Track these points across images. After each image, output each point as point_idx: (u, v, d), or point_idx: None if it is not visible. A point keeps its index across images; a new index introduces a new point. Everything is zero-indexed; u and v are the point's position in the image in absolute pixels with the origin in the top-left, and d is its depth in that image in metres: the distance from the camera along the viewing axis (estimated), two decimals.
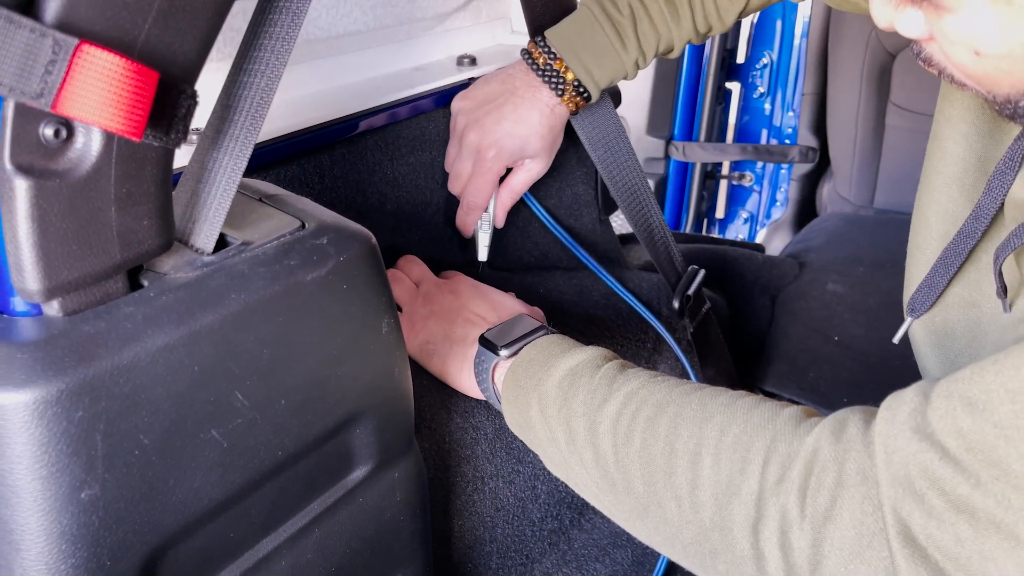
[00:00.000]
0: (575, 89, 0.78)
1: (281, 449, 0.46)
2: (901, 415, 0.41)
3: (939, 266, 0.58)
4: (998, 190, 0.53)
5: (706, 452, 0.48)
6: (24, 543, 0.37)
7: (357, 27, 0.86)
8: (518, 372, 0.61)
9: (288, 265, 0.45)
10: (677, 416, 0.50)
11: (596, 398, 0.55)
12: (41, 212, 0.36)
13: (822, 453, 0.43)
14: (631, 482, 0.52)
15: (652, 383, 0.54)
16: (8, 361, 0.36)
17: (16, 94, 0.33)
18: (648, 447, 0.51)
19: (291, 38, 0.44)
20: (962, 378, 0.40)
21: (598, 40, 0.77)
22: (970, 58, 0.42)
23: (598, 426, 0.54)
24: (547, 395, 0.58)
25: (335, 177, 0.78)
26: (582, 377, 0.57)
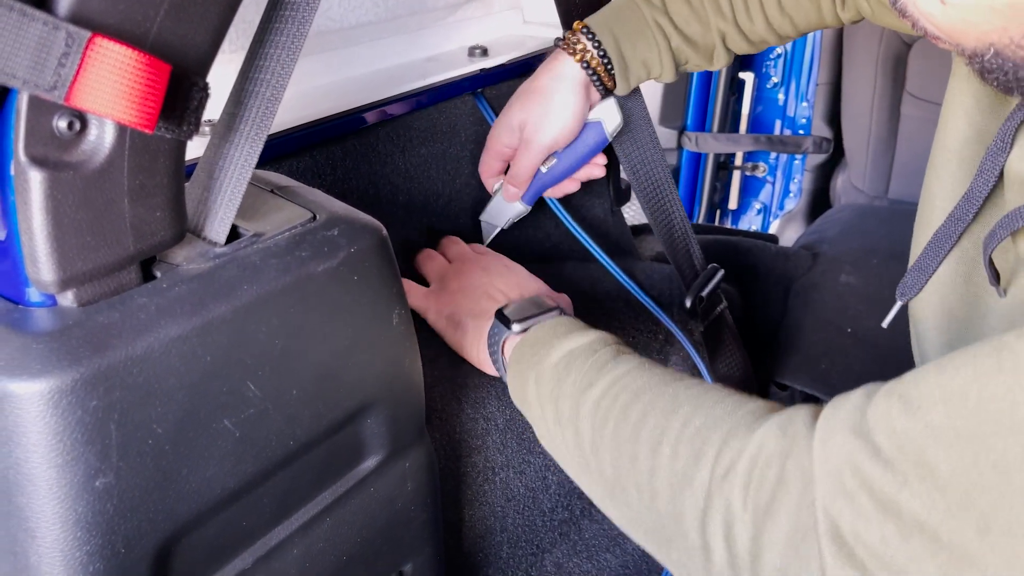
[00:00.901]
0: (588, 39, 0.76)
1: (293, 439, 0.47)
2: (842, 412, 0.41)
3: (930, 248, 0.57)
4: (990, 170, 0.52)
5: (667, 441, 0.48)
6: (40, 530, 0.38)
7: (369, 18, 0.86)
8: (523, 349, 0.63)
9: (299, 256, 0.45)
10: (649, 405, 0.51)
11: (584, 381, 0.56)
12: (55, 204, 0.36)
13: (767, 448, 0.43)
14: (602, 465, 0.53)
15: (638, 370, 0.55)
16: (24, 351, 0.37)
17: (30, 87, 0.33)
18: (619, 432, 0.52)
19: (304, 30, 0.44)
20: (907, 379, 0.40)
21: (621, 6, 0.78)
22: (937, 7, 0.42)
23: (581, 408, 0.55)
24: (543, 374, 0.59)
25: (347, 168, 0.78)
26: (577, 359, 0.58)
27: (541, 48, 0.96)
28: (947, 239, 0.56)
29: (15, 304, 0.40)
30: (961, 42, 0.43)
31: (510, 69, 0.92)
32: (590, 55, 0.76)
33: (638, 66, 0.79)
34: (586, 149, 0.81)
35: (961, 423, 0.36)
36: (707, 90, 1.88)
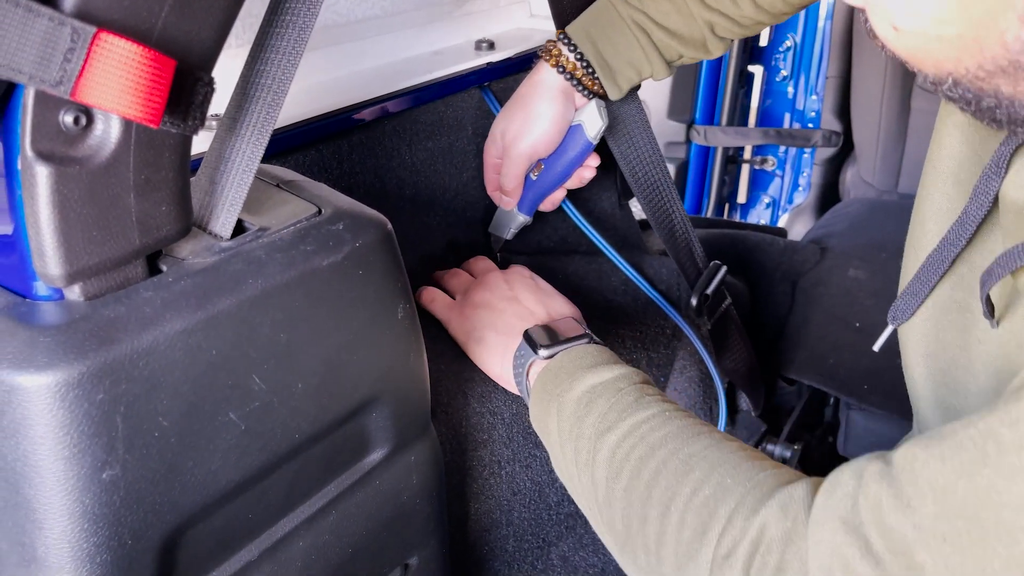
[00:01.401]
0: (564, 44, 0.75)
1: (298, 432, 0.47)
2: (835, 499, 0.41)
3: (922, 273, 0.55)
4: (984, 194, 0.49)
5: (675, 508, 0.48)
6: (47, 522, 0.38)
7: (375, 12, 0.86)
8: (548, 376, 0.62)
9: (304, 251, 0.46)
10: (663, 463, 0.50)
11: (604, 423, 0.55)
12: (62, 198, 0.37)
13: (768, 532, 0.43)
14: (613, 519, 0.53)
15: (657, 419, 0.54)
16: (31, 344, 0.37)
17: (36, 82, 0.34)
18: (631, 489, 0.51)
19: (309, 24, 0.44)
20: (898, 462, 0.39)
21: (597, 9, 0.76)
22: (890, 33, 0.41)
23: (598, 454, 0.54)
24: (565, 408, 0.58)
25: (353, 163, 0.78)
26: (600, 397, 0.57)
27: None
28: (940, 264, 0.54)
29: (22, 298, 0.40)
30: (922, 68, 0.42)
31: (516, 63, 0.91)
32: (566, 60, 0.76)
33: (624, 67, 0.77)
34: (571, 154, 0.80)
35: (947, 526, 0.36)
36: (716, 83, 1.88)
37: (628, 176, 0.86)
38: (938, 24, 0.38)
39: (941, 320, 0.55)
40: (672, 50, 0.77)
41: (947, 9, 0.37)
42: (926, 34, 0.39)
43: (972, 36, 0.37)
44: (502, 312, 0.71)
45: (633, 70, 0.77)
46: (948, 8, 0.37)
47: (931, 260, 0.55)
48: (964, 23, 0.37)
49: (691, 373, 0.87)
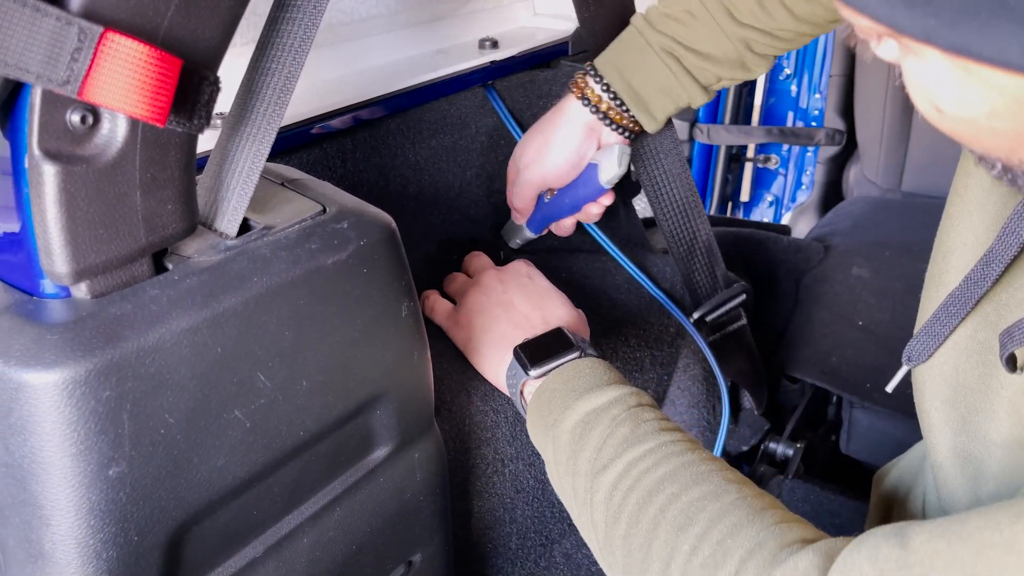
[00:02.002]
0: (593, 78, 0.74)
1: (303, 429, 0.47)
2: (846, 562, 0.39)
3: (943, 311, 0.52)
4: (1014, 233, 0.46)
5: (676, 567, 0.47)
6: (54, 518, 0.39)
7: (379, 10, 0.86)
8: (541, 401, 0.60)
9: (309, 249, 0.46)
10: (660, 514, 0.49)
11: (599, 460, 0.54)
12: (69, 197, 0.37)
13: None
14: (614, 562, 0.52)
15: (655, 453, 0.52)
16: (38, 342, 0.37)
17: (43, 81, 0.34)
18: (630, 537, 0.50)
19: (314, 23, 0.45)
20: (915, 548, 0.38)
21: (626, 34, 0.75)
22: (932, 111, 0.38)
23: (595, 494, 0.53)
24: (560, 440, 0.57)
25: (357, 161, 0.78)
26: (595, 428, 0.56)
27: (551, 40, 0.96)
28: (963, 304, 0.50)
29: (29, 295, 0.40)
30: (968, 147, 0.40)
31: (520, 61, 0.92)
32: (591, 92, 0.75)
33: (657, 96, 0.74)
34: (582, 191, 0.79)
35: None
36: None
37: (651, 199, 0.86)
38: (990, 118, 0.36)
39: (961, 363, 0.52)
40: (707, 73, 0.74)
41: (1003, 105, 0.35)
42: (973, 123, 0.37)
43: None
44: (496, 318, 0.69)
45: (668, 99, 0.74)
46: (1004, 104, 0.35)
47: (952, 299, 0.51)
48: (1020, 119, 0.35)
49: (695, 371, 0.87)
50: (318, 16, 0.45)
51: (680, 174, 0.85)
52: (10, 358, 0.37)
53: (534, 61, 0.93)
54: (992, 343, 0.50)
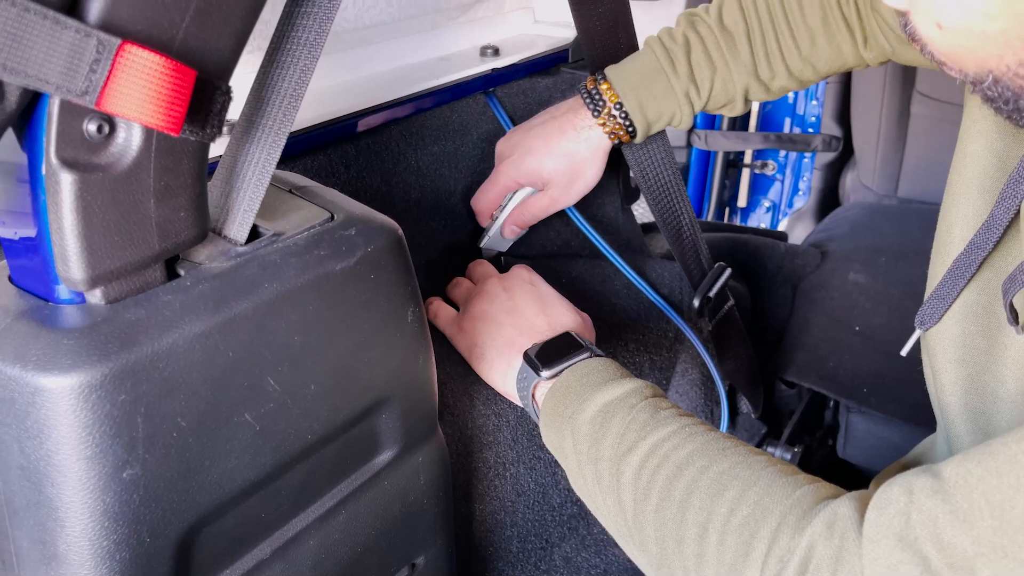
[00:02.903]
0: (617, 111, 0.78)
1: (310, 432, 0.48)
2: (886, 518, 0.41)
3: (949, 277, 0.56)
4: (1011, 198, 0.50)
5: (713, 529, 0.48)
6: (69, 520, 0.39)
7: (382, 18, 0.87)
8: (555, 398, 0.61)
9: (318, 255, 0.47)
10: (693, 483, 0.50)
11: (623, 444, 0.55)
12: (85, 204, 0.38)
13: (817, 551, 0.43)
14: (646, 540, 0.52)
15: (680, 435, 0.53)
16: (54, 347, 0.38)
17: (62, 92, 0.35)
18: (663, 510, 0.51)
19: (323, 32, 0.45)
20: (950, 478, 0.40)
21: (649, 64, 0.77)
22: (934, 31, 0.42)
23: (621, 476, 0.54)
24: (579, 430, 0.58)
25: (360, 167, 0.79)
26: (615, 416, 0.57)
27: (552, 48, 0.97)
28: (967, 268, 0.54)
29: (45, 301, 0.41)
30: (963, 68, 0.43)
31: (521, 68, 0.92)
32: (618, 126, 0.79)
33: (660, 125, 0.81)
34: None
35: (1007, 540, 0.36)
36: None
37: (638, 176, 0.87)
38: (984, 19, 0.39)
39: (968, 325, 0.55)
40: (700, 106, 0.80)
41: (994, 4, 0.38)
42: (971, 30, 0.40)
43: (1017, 32, 0.39)
44: (501, 325, 0.70)
45: (665, 122, 0.81)
46: (995, 3, 0.38)
47: (958, 264, 0.55)
48: (1010, 18, 0.38)
49: (693, 376, 0.88)
50: (327, 26, 0.45)
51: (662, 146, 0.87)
52: (27, 363, 0.38)
53: (535, 68, 0.94)
54: (994, 306, 0.53)
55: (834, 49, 0.78)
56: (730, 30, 0.77)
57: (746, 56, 0.77)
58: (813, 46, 0.78)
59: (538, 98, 0.95)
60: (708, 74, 0.77)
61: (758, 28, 0.77)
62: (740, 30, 0.77)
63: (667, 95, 0.78)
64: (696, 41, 0.77)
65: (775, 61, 0.78)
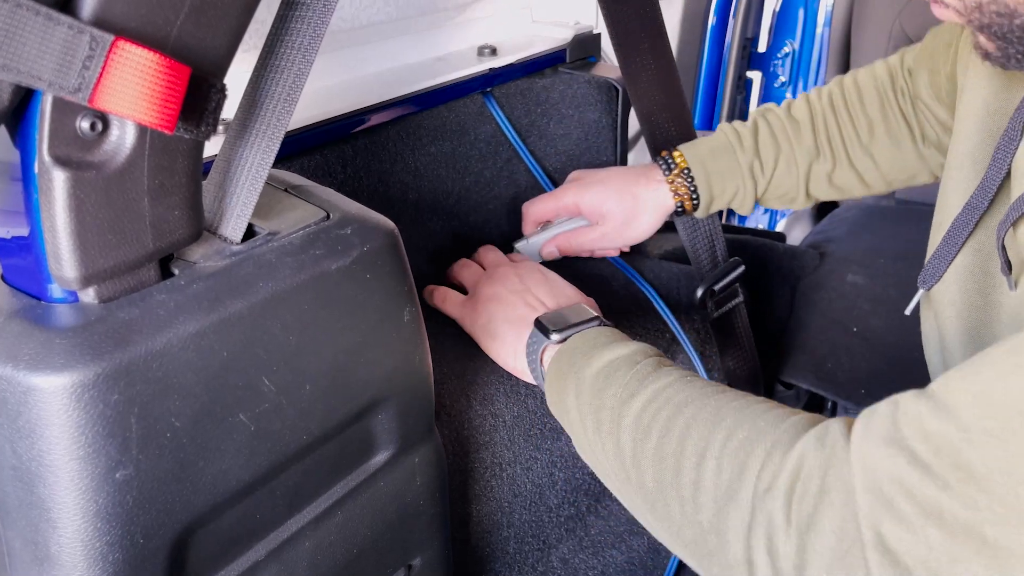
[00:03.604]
0: (684, 176, 0.82)
1: (306, 433, 0.48)
2: (874, 424, 0.42)
3: (947, 238, 0.59)
4: (1002, 160, 0.54)
5: (711, 455, 0.49)
6: (61, 521, 0.39)
7: (379, 18, 0.87)
8: (563, 358, 0.63)
9: (314, 255, 0.46)
10: (692, 418, 0.52)
11: (626, 392, 0.56)
12: (78, 203, 0.37)
13: (808, 461, 0.44)
14: (643, 478, 0.53)
15: (680, 383, 0.55)
16: (47, 346, 0.38)
17: (55, 88, 0.34)
18: (662, 445, 0.52)
19: (320, 31, 0.45)
20: (933, 385, 0.41)
21: (719, 141, 0.82)
22: None
23: (622, 419, 0.55)
24: (584, 383, 0.60)
25: (357, 167, 0.79)
26: (618, 371, 0.58)
27: (549, 48, 0.97)
28: (964, 228, 0.57)
29: (38, 300, 0.41)
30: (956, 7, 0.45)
31: (519, 68, 0.92)
32: (684, 189, 0.82)
33: (723, 200, 0.83)
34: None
35: (990, 422, 0.37)
36: (714, 89, 1.89)
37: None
38: None
39: (966, 283, 0.58)
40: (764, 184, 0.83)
41: None
42: None
43: None
44: (513, 304, 0.72)
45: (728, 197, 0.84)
46: None
47: (955, 225, 0.58)
48: None
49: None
50: (324, 24, 0.45)
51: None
52: (19, 362, 0.37)
53: (532, 68, 0.94)
54: (988, 266, 0.56)
55: (893, 142, 0.82)
56: (796, 118, 0.82)
57: (809, 140, 0.82)
58: (872, 136, 0.81)
59: (536, 98, 0.95)
60: (772, 153, 0.81)
61: (821, 116, 0.82)
62: (805, 118, 0.82)
63: (732, 170, 0.82)
64: (763, 125, 0.82)
65: (837, 148, 0.82)
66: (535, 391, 0.75)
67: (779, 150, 0.81)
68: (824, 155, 0.81)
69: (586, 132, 0.99)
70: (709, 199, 0.82)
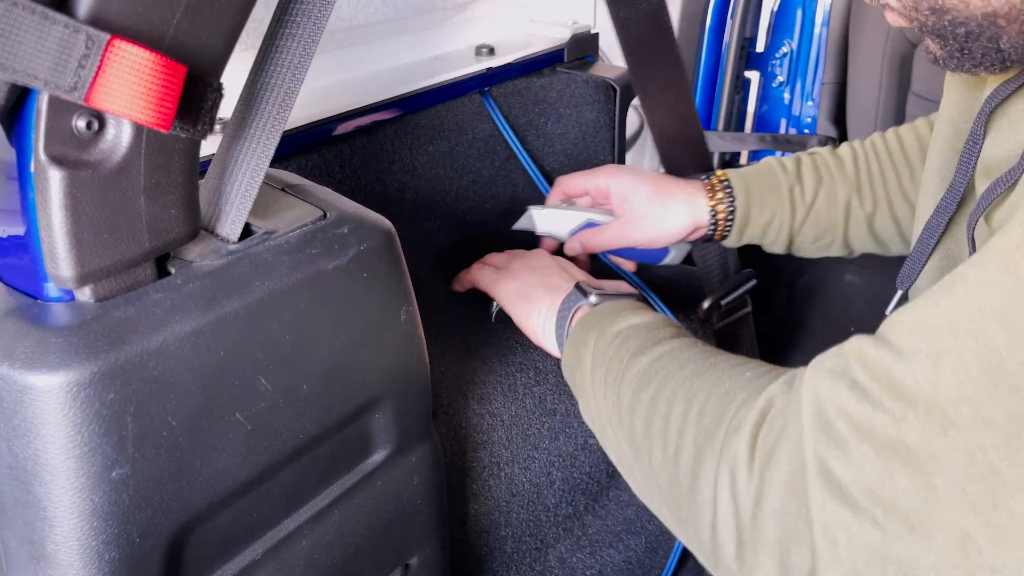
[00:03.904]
0: (722, 185, 0.79)
1: (303, 432, 0.48)
2: (824, 360, 0.44)
3: (920, 240, 0.61)
4: (967, 163, 0.56)
5: (697, 402, 0.51)
6: (57, 520, 0.39)
7: (377, 17, 0.87)
8: (591, 317, 0.66)
9: (310, 254, 0.46)
10: (692, 374, 0.54)
11: (638, 350, 0.59)
12: (74, 201, 0.37)
13: (776, 402, 0.46)
14: (635, 424, 0.55)
15: (691, 348, 0.58)
16: (43, 345, 0.38)
17: (51, 87, 0.34)
18: (658, 394, 0.54)
19: (318, 30, 0.45)
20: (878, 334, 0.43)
21: (763, 165, 0.82)
22: None
23: (627, 371, 0.58)
24: (604, 339, 0.62)
25: (355, 166, 0.79)
26: (638, 332, 0.61)
27: (547, 48, 0.97)
28: (935, 230, 0.59)
29: (33, 299, 0.41)
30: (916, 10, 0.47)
31: (517, 68, 0.92)
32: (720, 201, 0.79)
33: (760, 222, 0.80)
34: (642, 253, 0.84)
35: (923, 343, 0.39)
36: (712, 88, 1.89)
37: None
38: None
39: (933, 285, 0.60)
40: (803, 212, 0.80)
41: None
42: None
43: None
44: (549, 274, 0.74)
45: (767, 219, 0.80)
46: None
47: (928, 227, 0.60)
48: None
49: None
50: (322, 23, 0.45)
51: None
52: (15, 361, 0.37)
53: (530, 68, 0.94)
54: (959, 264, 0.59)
55: None
56: (840, 156, 0.82)
57: (851, 174, 0.80)
58: (912, 183, 0.80)
59: (534, 98, 0.95)
60: (814, 182, 0.80)
61: (864, 157, 0.81)
62: (848, 157, 0.81)
63: (773, 188, 0.80)
64: (807, 158, 0.82)
65: (878, 190, 0.80)
66: (533, 391, 0.75)
67: (820, 181, 0.80)
68: (864, 195, 0.80)
69: (584, 132, 0.99)
70: (745, 218, 0.79)
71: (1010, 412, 0.35)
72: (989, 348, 0.36)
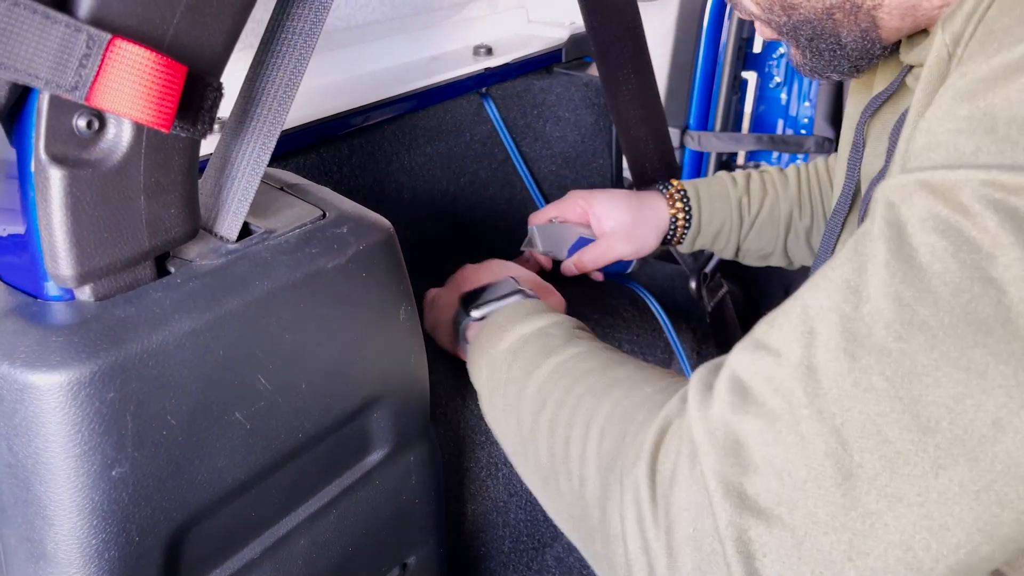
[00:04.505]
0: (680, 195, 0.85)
1: (301, 431, 0.48)
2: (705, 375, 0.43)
3: (823, 241, 0.65)
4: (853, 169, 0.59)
5: (596, 424, 0.47)
6: (57, 518, 0.39)
7: (375, 17, 0.87)
8: (482, 336, 0.62)
9: (309, 253, 0.46)
10: (587, 388, 0.50)
11: (531, 365, 0.55)
12: (74, 200, 0.37)
13: (672, 422, 0.43)
14: (539, 452, 0.51)
15: (585, 354, 0.54)
16: (43, 344, 0.38)
17: (52, 87, 0.34)
18: (556, 417, 0.50)
19: (316, 30, 0.45)
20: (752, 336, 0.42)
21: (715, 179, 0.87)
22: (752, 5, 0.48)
23: (524, 392, 0.54)
24: (496, 360, 0.59)
25: (353, 166, 0.79)
26: (528, 344, 0.57)
27: (545, 48, 0.97)
28: (833, 231, 0.63)
29: (34, 298, 0.41)
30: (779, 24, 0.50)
31: (515, 68, 0.92)
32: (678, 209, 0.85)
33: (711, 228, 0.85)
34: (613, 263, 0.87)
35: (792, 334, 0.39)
36: (710, 89, 1.89)
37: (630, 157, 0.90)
38: None
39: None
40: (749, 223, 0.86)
41: None
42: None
43: None
44: (451, 291, 0.72)
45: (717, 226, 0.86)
46: None
47: (828, 227, 0.64)
48: None
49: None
50: (320, 23, 0.45)
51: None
52: (15, 360, 0.37)
53: (529, 68, 0.94)
54: None
55: None
56: (786, 174, 0.88)
57: (793, 190, 0.86)
58: None
59: (532, 98, 0.95)
60: (760, 195, 0.86)
61: (806, 176, 0.87)
62: (793, 175, 0.87)
63: (723, 198, 0.85)
64: (756, 174, 0.88)
65: (816, 205, 0.85)
66: None
67: (765, 194, 0.85)
68: (804, 210, 0.85)
69: (582, 135, 0.99)
70: (697, 225, 0.84)
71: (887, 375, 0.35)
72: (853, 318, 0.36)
